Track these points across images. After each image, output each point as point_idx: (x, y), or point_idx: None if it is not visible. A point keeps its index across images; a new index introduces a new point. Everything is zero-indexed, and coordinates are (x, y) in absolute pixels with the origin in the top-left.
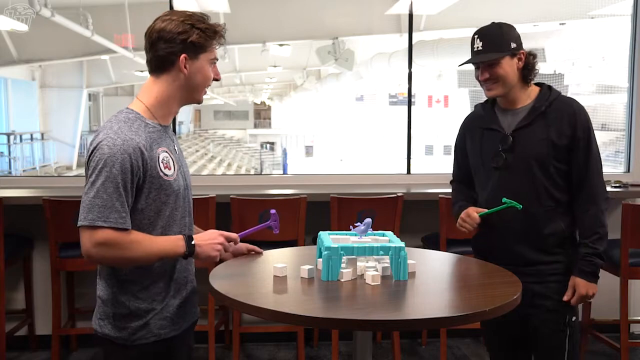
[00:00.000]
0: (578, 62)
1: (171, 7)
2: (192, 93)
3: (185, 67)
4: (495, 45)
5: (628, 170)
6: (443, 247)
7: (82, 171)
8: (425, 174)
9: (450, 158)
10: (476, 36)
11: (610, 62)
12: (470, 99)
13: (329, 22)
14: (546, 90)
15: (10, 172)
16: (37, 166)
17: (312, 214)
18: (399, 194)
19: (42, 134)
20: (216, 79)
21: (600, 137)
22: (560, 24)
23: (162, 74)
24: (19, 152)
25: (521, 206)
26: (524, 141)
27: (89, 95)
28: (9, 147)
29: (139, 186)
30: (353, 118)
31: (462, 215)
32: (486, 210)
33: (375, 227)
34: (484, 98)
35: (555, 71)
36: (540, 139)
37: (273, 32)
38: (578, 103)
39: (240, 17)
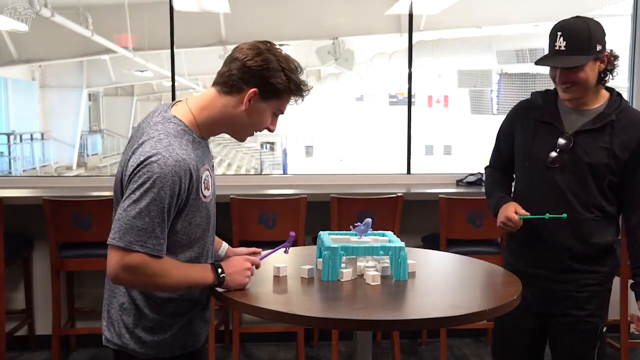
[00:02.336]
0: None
1: (171, 7)
2: (239, 128)
3: (249, 101)
4: (580, 47)
5: None
6: (443, 247)
7: (81, 171)
8: (425, 174)
9: (450, 158)
10: (559, 33)
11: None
12: (470, 99)
13: (329, 22)
14: (616, 97)
15: (10, 172)
16: (37, 166)
17: (312, 214)
18: (399, 194)
19: (42, 134)
20: (269, 129)
21: None
22: None
23: (225, 94)
24: (19, 152)
25: (565, 215)
26: (584, 145)
27: (89, 95)
28: (9, 147)
29: (180, 208)
30: (353, 118)
31: (503, 218)
32: (528, 215)
33: (375, 227)
34: (484, 98)
35: None
36: (603, 147)
37: (273, 32)
38: None
39: (240, 17)
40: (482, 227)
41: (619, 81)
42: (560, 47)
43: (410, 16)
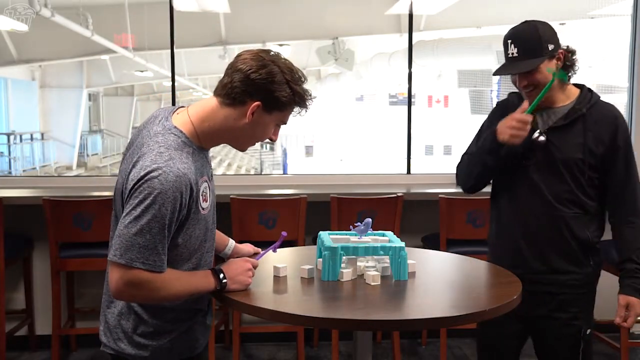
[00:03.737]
0: (578, 62)
1: (171, 7)
2: (241, 140)
3: (251, 114)
4: (531, 50)
5: None
6: (443, 247)
7: (81, 171)
8: (425, 174)
9: (450, 158)
10: (509, 41)
11: (610, 62)
12: (470, 99)
13: (329, 22)
14: (587, 92)
15: (10, 172)
16: (37, 166)
17: (312, 214)
18: (399, 194)
19: (42, 134)
20: (271, 140)
21: None
22: (560, 24)
23: (227, 106)
24: (19, 152)
25: (566, 78)
26: (557, 142)
27: (89, 95)
28: (9, 147)
29: (181, 222)
30: (353, 118)
31: (509, 123)
32: (534, 103)
33: (375, 227)
34: (484, 99)
35: None
36: (576, 143)
37: (273, 32)
38: (618, 110)
39: (240, 17)
40: (482, 227)
41: (619, 81)
42: (512, 53)
43: (410, 16)
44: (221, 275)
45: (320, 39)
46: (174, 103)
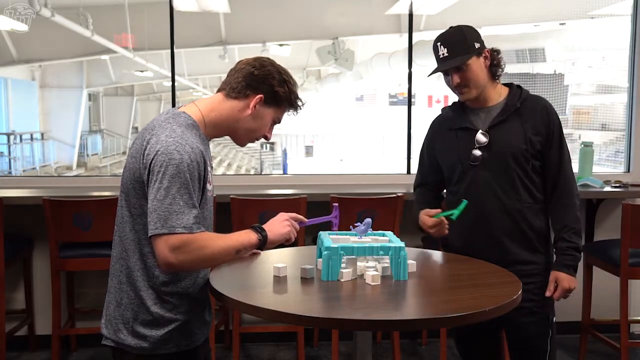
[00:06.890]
0: (578, 62)
1: (171, 7)
2: (242, 132)
3: (254, 106)
4: (459, 48)
5: (628, 170)
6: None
7: (81, 171)
8: None
9: None
10: (439, 43)
11: (610, 62)
12: None
13: (329, 22)
14: (516, 88)
15: (10, 172)
16: (37, 166)
17: (312, 214)
18: (399, 194)
19: (42, 134)
20: (265, 137)
21: (600, 137)
22: (560, 24)
23: (232, 99)
24: (19, 152)
25: (465, 201)
26: (500, 137)
27: (89, 95)
28: (9, 147)
29: (198, 196)
30: (353, 118)
31: (427, 226)
32: (441, 213)
33: (375, 227)
34: None
35: (555, 71)
36: (517, 135)
37: (273, 32)
38: (547, 101)
39: (240, 17)
40: None
41: (619, 81)
42: (443, 54)
43: (410, 16)
44: (260, 229)
45: (320, 39)
46: (174, 103)
